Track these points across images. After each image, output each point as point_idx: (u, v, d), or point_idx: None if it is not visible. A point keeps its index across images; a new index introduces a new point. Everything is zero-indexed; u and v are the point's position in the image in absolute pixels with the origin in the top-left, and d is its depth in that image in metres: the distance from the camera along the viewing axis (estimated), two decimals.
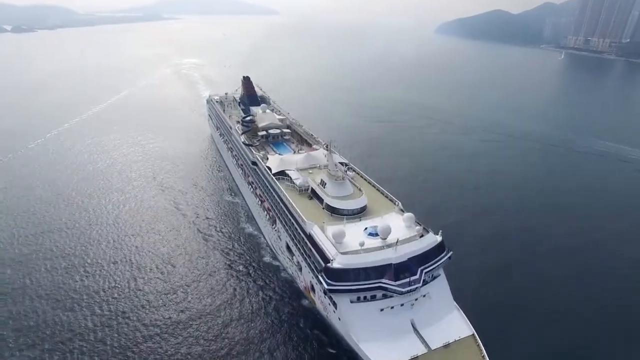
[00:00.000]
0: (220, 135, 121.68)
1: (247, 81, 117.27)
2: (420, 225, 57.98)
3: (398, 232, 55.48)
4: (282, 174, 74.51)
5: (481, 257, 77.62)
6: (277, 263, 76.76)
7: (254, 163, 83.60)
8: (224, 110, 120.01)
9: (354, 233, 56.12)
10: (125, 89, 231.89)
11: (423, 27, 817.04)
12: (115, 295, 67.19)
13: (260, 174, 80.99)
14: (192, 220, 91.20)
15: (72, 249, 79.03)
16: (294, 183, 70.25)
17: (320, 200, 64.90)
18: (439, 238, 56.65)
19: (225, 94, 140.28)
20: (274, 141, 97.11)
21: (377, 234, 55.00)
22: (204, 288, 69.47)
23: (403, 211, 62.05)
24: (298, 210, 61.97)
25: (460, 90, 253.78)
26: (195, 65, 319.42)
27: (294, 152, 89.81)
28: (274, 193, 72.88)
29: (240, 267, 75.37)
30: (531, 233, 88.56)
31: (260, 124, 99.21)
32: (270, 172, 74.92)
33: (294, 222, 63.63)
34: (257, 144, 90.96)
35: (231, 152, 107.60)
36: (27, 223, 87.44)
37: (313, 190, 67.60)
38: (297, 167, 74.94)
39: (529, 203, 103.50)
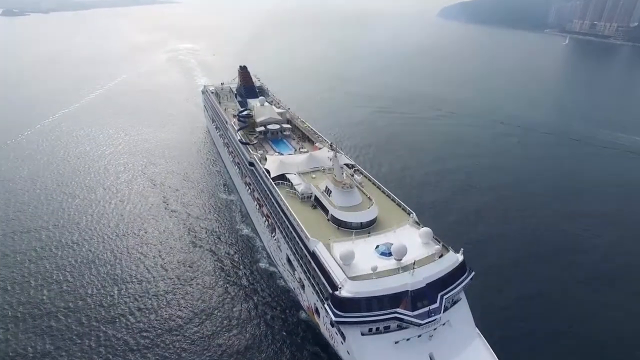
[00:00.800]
0: (216, 128, 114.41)
1: (244, 71, 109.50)
2: (439, 242, 51.36)
3: (414, 250, 48.90)
4: (282, 178, 67.64)
5: (503, 272, 70.25)
6: (273, 269, 71.08)
7: (251, 164, 76.64)
8: (219, 102, 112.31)
9: (364, 251, 49.53)
10: (119, 76, 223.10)
11: (427, 11, 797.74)
12: (90, 302, 61.90)
13: (257, 176, 74.09)
14: (182, 220, 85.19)
15: (51, 252, 73.23)
16: (295, 190, 63.38)
17: (325, 210, 58.14)
18: (460, 257, 50.15)
19: (222, 84, 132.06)
20: (273, 138, 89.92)
21: (390, 254, 48.41)
22: (191, 295, 64.17)
23: (418, 224, 55.35)
24: (300, 224, 55.26)
25: (464, 77, 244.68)
26: (192, 51, 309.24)
27: (295, 150, 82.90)
28: (273, 200, 66.12)
29: (232, 273, 69.74)
30: (568, 249, 77.54)
31: (258, 119, 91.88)
32: (269, 175, 67.96)
33: (295, 236, 57.03)
34: (255, 142, 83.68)
35: (227, 147, 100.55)
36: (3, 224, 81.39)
37: (317, 199, 60.81)
38: (299, 171, 67.95)
39: (565, 209, 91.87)
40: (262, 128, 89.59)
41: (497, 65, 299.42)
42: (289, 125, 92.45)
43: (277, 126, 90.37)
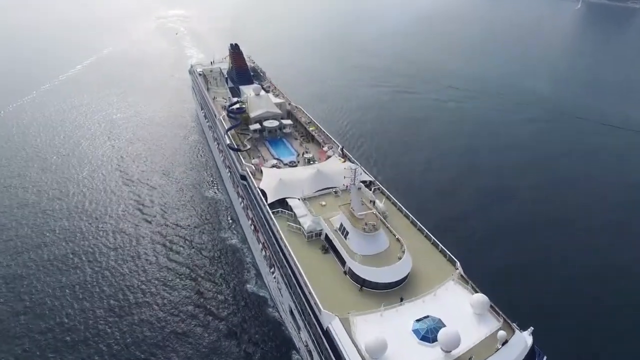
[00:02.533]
0: (205, 117, 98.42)
1: (235, 51, 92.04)
2: (499, 315, 37.35)
3: (465, 328, 34.99)
4: (282, 203, 52.96)
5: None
6: (263, 293, 59.84)
7: (243, 177, 61.56)
8: (207, 89, 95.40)
9: (397, 333, 35.66)
10: (102, 49, 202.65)
11: None
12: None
13: (251, 195, 59.30)
14: (157, 228, 73.20)
15: None
16: (299, 224, 48.74)
17: (340, 258, 43.82)
18: (529, 339, 36.36)
19: (211, 62, 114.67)
20: (271, 137, 74.47)
21: (434, 339, 34.48)
22: (155, 326, 54.26)
23: (467, 284, 41.13)
24: (308, 284, 41.06)
25: (474, 47, 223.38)
26: (182, 19, 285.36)
27: (298, 154, 67.94)
28: (270, 235, 51.78)
29: (212, 297, 59.78)
30: None
31: (253, 113, 75.98)
32: (266, 201, 53.10)
33: (303, 298, 42.98)
34: (248, 147, 68.00)
35: (217, 144, 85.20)
36: None
37: (328, 239, 46.34)
38: (304, 195, 53.04)
39: None
40: (258, 125, 73.86)
41: (505, 35, 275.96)
42: (289, 121, 76.61)
43: (276, 123, 74.61)
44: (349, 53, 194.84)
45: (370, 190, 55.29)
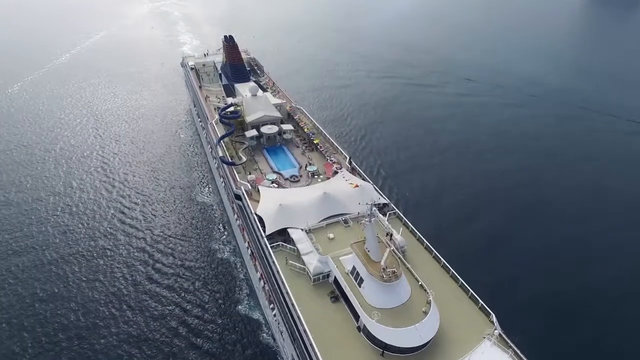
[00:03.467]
0: (198, 116, 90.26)
1: (230, 44, 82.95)
2: None
3: None
4: (282, 233, 45.47)
5: None
6: (257, 316, 53.77)
7: (238, 197, 53.88)
8: (200, 86, 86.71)
9: None
10: (91, 37, 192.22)
11: None
12: None
13: (247, 220, 51.73)
14: (140, 237, 66.86)
15: None
16: (303, 264, 41.31)
17: (353, 311, 36.57)
18: None
19: (205, 54, 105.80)
20: (270, 145, 66.49)
21: None
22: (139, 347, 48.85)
23: (506, 341, 33.96)
24: (314, 343, 33.91)
25: (484, 35, 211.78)
26: (177, 1, 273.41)
27: (300, 167, 60.03)
28: (271, 274, 44.40)
29: (199, 320, 53.64)
30: None
31: (249, 117, 67.86)
32: (263, 232, 45.52)
33: (307, 355, 35.86)
34: (244, 160, 59.89)
35: (211, 149, 77.38)
36: None
37: (338, 284, 39.00)
38: (309, 225, 45.44)
39: None
40: (255, 132, 65.76)
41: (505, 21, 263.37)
42: (290, 126, 68.47)
43: (275, 128, 66.50)
44: (356, 42, 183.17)
45: (385, 216, 47.68)
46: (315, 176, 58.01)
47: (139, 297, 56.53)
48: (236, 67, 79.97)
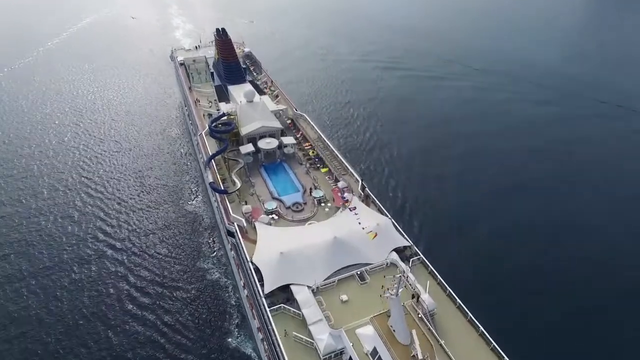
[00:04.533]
0: (189, 117, 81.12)
1: (222, 38, 72.95)
2: None
3: None
4: (284, 290, 37.32)
5: None
6: (250, 351, 47.05)
7: (231, 233, 45.49)
8: (190, 87, 77.07)
9: None
10: (79, 22, 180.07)
11: None
12: None
13: (243, 265, 43.47)
14: (121, 253, 59.76)
15: None
16: (311, 338, 33.26)
17: None
18: None
19: (197, 47, 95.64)
20: (269, 161, 57.77)
21: None
22: None
23: None
24: None
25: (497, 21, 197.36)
26: None
27: (304, 191, 51.56)
28: (272, 343, 36.41)
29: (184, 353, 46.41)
30: None
31: (244, 129, 58.93)
32: (261, 284, 37.29)
33: None
34: (238, 186, 50.97)
35: (201, 157, 68.69)
36: None
37: None
38: (316, 284, 37.19)
39: None
40: (251, 147, 56.86)
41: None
42: (292, 140, 59.51)
43: (275, 142, 57.59)
44: (364, 30, 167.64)
45: (408, 264, 39.47)
46: (322, 203, 49.68)
47: (117, 320, 50.24)
48: (230, 67, 70.33)
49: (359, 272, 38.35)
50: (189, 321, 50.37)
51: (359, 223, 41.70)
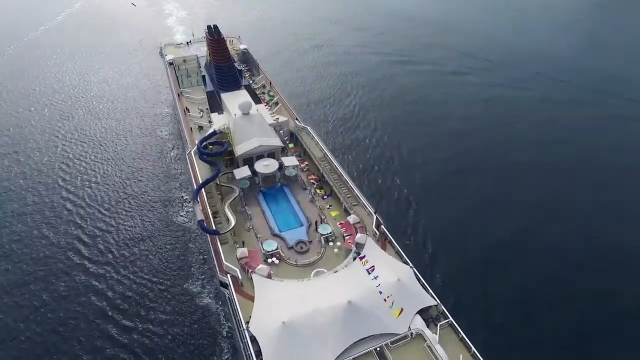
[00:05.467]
0: (179, 122, 73.26)
1: (214, 37, 64.15)
2: None
3: None
4: None
5: None
6: None
7: (224, 285, 38.35)
8: (179, 94, 68.79)
9: None
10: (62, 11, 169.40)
11: None
12: None
13: (237, 329, 36.46)
14: (99, 272, 52.35)
15: None
16: None
17: None
18: None
19: (188, 43, 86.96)
20: (268, 186, 50.41)
21: None
22: None
23: None
24: None
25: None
26: None
27: (309, 224, 44.31)
28: None
29: None
30: None
31: (240, 148, 51.33)
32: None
33: None
34: (232, 226, 43.25)
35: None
36: None
37: None
38: None
39: None
40: (247, 172, 49.31)
41: None
42: (294, 161, 51.83)
43: (274, 164, 50.03)
44: (377, 20, 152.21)
45: (435, 329, 32.52)
46: (330, 242, 42.55)
47: (90, 342, 44.32)
48: (223, 72, 61.93)
49: (378, 348, 31.42)
50: (174, 349, 43.78)
51: (375, 279, 34.56)
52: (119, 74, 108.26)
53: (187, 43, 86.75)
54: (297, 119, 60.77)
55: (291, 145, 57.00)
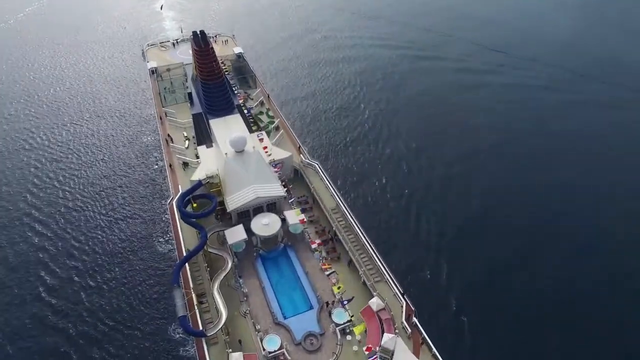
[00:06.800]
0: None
1: (201, 47, 51.94)
2: None
3: None
4: None
5: None
6: None
7: None
8: (161, 117, 57.97)
9: None
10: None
11: None
12: None
13: None
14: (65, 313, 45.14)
15: None
16: None
17: None
18: None
19: (175, 43, 75.43)
20: (268, 249, 40.77)
21: None
22: None
23: None
24: None
25: None
26: None
27: (321, 308, 35.92)
28: None
29: None
30: None
31: (232, 201, 41.37)
32: None
33: None
34: (223, 323, 33.51)
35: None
36: None
37: None
38: None
39: None
40: (242, 235, 39.60)
41: None
42: (302, 216, 41.75)
43: (276, 224, 40.19)
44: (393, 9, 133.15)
45: None
46: (348, 335, 33.34)
47: None
48: (212, 93, 50.67)
49: None
50: None
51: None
52: (98, 68, 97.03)
53: (174, 44, 75.07)
54: (300, 146, 50.57)
55: (294, 185, 46.99)
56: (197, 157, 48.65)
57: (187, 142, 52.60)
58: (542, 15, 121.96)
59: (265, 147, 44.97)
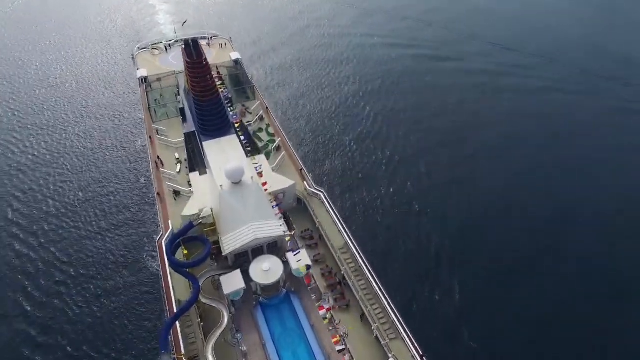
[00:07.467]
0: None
1: (192, 58, 46.25)
2: None
3: None
4: None
5: None
6: None
7: None
8: (151, 136, 52.99)
9: None
10: None
11: None
12: None
13: None
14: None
15: None
16: None
17: None
18: None
19: (167, 46, 69.98)
20: (268, 296, 36.45)
21: None
22: None
23: None
24: None
25: None
26: None
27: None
28: None
29: None
30: None
31: (228, 243, 36.91)
32: None
33: None
34: None
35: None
36: None
37: None
38: None
39: None
40: (240, 284, 35.26)
41: None
42: (308, 262, 37.09)
43: (279, 269, 35.79)
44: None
45: None
46: None
47: None
48: (206, 112, 45.58)
49: None
50: None
51: None
52: (85, 65, 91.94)
53: (166, 47, 69.57)
54: (303, 169, 45.85)
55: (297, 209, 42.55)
56: (190, 185, 44.02)
57: (178, 165, 47.85)
58: (542, 14, 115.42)
59: (264, 184, 40.01)
